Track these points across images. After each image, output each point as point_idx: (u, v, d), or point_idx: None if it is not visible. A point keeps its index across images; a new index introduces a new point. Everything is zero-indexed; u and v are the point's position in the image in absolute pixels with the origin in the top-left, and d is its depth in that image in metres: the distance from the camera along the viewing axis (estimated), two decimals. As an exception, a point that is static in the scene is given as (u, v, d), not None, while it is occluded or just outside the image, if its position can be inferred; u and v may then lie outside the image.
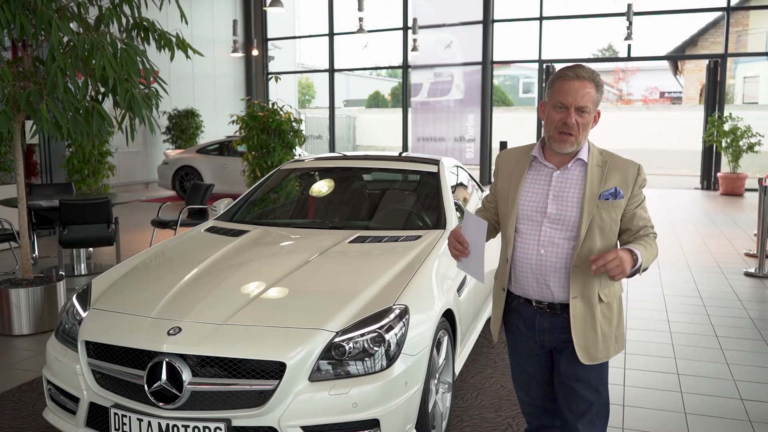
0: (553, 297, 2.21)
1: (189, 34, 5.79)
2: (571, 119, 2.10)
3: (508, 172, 2.32)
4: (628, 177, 2.18)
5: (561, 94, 2.11)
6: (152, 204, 11.58)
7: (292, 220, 4.38)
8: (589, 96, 2.10)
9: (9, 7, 4.25)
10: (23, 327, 4.83)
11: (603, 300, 2.20)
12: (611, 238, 2.19)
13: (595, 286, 2.18)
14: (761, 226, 6.71)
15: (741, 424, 3.40)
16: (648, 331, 4.87)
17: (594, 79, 2.12)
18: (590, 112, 2.12)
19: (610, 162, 2.20)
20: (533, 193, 2.23)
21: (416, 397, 2.70)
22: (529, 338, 2.33)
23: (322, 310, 2.74)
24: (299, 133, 8.72)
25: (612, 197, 2.15)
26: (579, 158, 2.19)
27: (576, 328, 2.19)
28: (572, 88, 2.09)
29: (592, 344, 2.20)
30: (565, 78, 2.11)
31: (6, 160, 8.82)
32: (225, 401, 2.51)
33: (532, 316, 2.28)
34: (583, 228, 2.13)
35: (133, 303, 2.91)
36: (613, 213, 2.16)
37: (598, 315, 2.20)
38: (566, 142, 2.14)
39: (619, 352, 2.29)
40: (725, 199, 12.95)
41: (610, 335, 2.24)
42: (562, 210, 2.17)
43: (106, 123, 4.61)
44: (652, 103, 30.52)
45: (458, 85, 16.49)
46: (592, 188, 2.15)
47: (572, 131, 2.11)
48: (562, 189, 2.19)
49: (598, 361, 2.22)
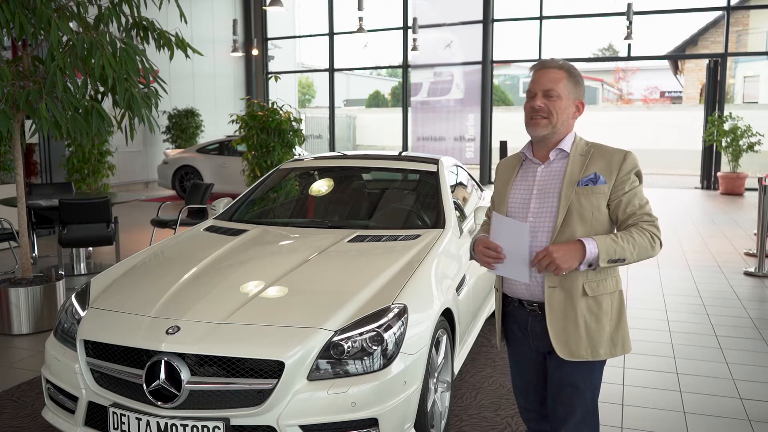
0: (542, 295, 2.16)
1: (189, 34, 5.79)
2: (536, 102, 2.14)
3: (503, 176, 2.35)
4: (612, 163, 2.14)
5: (531, 84, 2.19)
6: (152, 203, 11.58)
7: (291, 220, 4.38)
8: (556, 81, 2.13)
9: (8, 6, 4.25)
10: (22, 326, 4.83)
11: (588, 293, 2.11)
12: (595, 226, 2.11)
13: (578, 277, 2.10)
14: (761, 226, 6.71)
15: (740, 423, 3.40)
16: (647, 330, 4.87)
17: (563, 67, 2.16)
18: (560, 97, 2.13)
19: (595, 151, 2.18)
20: (520, 191, 2.24)
21: (415, 397, 2.70)
22: (524, 344, 2.30)
23: (321, 309, 2.74)
24: (299, 133, 8.73)
25: (592, 183, 2.11)
26: (560, 149, 2.19)
27: (553, 319, 2.12)
28: (539, 75, 2.17)
29: (573, 339, 2.12)
30: (534, 70, 2.20)
31: (5, 159, 8.82)
32: (223, 400, 2.50)
33: (525, 319, 2.25)
34: (560, 215, 2.10)
35: (131, 302, 2.91)
36: (593, 199, 2.10)
37: (581, 308, 2.11)
38: (538, 125, 2.15)
39: (617, 355, 2.18)
40: (725, 198, 12.95)
41: (601, 334, 2.13)
42: (543, 204, 2.16)
43: (106, 122, 4.61)
44: (652, 103, 30.52)
45: (458, 84, 16.49)
46: (572, 175, 2.14)
47: (542, 113, 2.13)
48: (546, 183, 2.19)
49: (581, 358, 2.13)
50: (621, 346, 2.18)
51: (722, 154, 13.97)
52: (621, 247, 2.04)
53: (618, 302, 2.19)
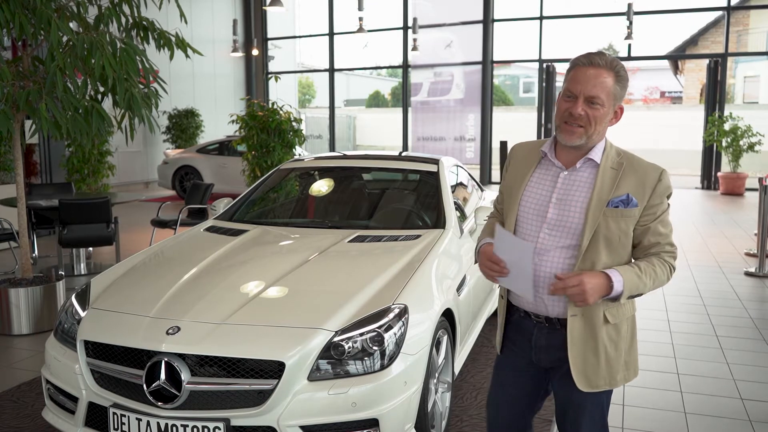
0: (548, 311, 2.00)
1: (189, 34, 5.79)
2: (577, 109, 1.88)
3: (518, 167, 2.11)
4: (646, 183, 1.91)
5: (571, 82, 1.90)
6: (152, 204, 11.58)
7: (291, 220, 4.38)
8: (603, 86, 1.87)
9: (8, 6, 4.25)
10: (22, 327, 4.83)
11: (609, 321, 1.96)
12: (620, 253, 1.94)
13: (600, 305, 1.94)
14: (761, 226, 6.70)
15: (741, 424, 3.40)
16: (648, 330, 4.87)
17: (613, 68, 1.89)
18: (604, 105, 1.88)
19: (627, 164, 1.94)
20: (536, 194, 2.02)
21: (415, 397, 2.69)
22: (519, 355, 2.12)
23: (321, 309, 2.73)
24: (299, 133, 8.73)
25: (623, 205, 1.90)
26: (590, 158, 1.95)
27: (574, 350, 1.95)
28: (584, 75, 1.88)
29: (592, 370, 1.97)
30: (579, 65, 1.91)
31: (5, 159, 8.82)
32: (224, 401, 2.50)
33: (531, 330, 2.07)
34: (586, 237, 1.90)
35: (132, 302, 2.91)
36: (623, 223, 1.91)
37: (602, 337, 1.95)
38: (573, 134, 1.90)
39: (630, 380, 2.04)
40: (725, 198, 12.95)
41: (617, 361, 1.99)
42: (563, 215, 1.95)
43: (106, 122, 4.61)
44: (652, 103, 30.51)
45: (458, 84, 16.49)
46: (601, 193, 1.91)
47: (580, 122, 1.89)
48: (567, 192, 1.96)
49: (599, 389, 1.98)
50: (633, 369, 2.07)
51: (722, 154, 13.97)
52: (644, 283, 1.92)
53: (632, 325, 2.07)
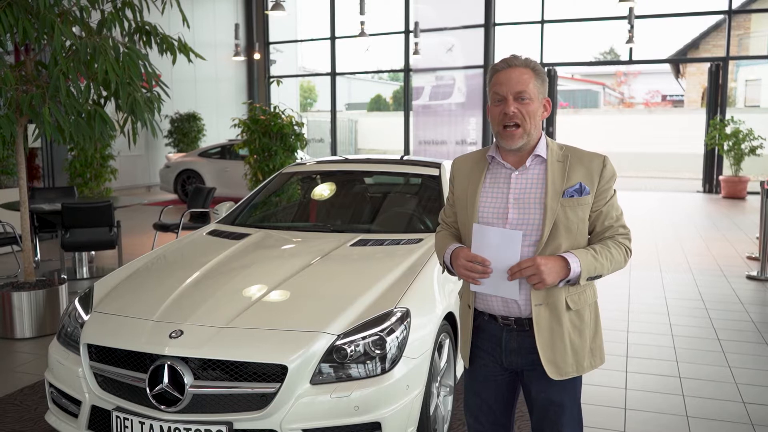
0: (520, 311, 2.03)
1: (191, 38, 5.81)
2: (510, 108, 1.97)
3: (465, 178, 2.15)
4: (592, 170, 2.02)
5: (496, 86, 2.00)
6: (154, 207, 11.58)
7: (293, 224, 4.39)
8: (526, 82, 1.98)
9: (12, 11, 4.27)
10: (25, 330, 4.84)
11: (571, 307, 2.02)
12: (579, 241, 2.02)
13: (561, 292, 2.00)
14: (763, 229, 6.70)
15: (743, 428, 3.39)
16: (650, 334, 4.87)
17: (529, 65, 2.01)
18: (532, 99, 1.99)
19: (571, 156, 2.04)
20: (493, 198, 2.06)
21: (418, 401, 2.70)
22: (490, 360, 2.14)
23: (324, 313, 2.74)
24: (301, 137, 8.74)
25: (577, 194, 1.99)
26: (537, 155, 2.04)
27: (542, 339, 2.00)
28: (506, 76, 1.99)
29: (561, 357, 2.02)
30: (498, 70, 2.02)
31: (8, 163, 8.84)
32: (227, 404, 2.51)
33: (499, 334, 2.09)
34: (546, 229, 1.96)
35: (135, 306, 2.92)
36: (579, 211, 2.00)
37: (566, 324, 2.02)
38: (513, 137, 1.99)
39: (596, 367, 2.11)
40: (727, 202, 12.94)
41: (582, 348, 2.06)
42: (523, 213, 2.01)
43: (108, 126, 4.62)
44: (653, 107, 30.51)
45: (460, 88, 16.50)
46: (555, 185, 1.99)
47: (515, 120, 1.97)
48: (523, 191, 2.03)
49: (568, 375, 2.04)
50: (599, 356, 2.13)
51: (724, 158, 13.96)
52: (601, 264, 1.98)
53: (595, 312, 2.13)
